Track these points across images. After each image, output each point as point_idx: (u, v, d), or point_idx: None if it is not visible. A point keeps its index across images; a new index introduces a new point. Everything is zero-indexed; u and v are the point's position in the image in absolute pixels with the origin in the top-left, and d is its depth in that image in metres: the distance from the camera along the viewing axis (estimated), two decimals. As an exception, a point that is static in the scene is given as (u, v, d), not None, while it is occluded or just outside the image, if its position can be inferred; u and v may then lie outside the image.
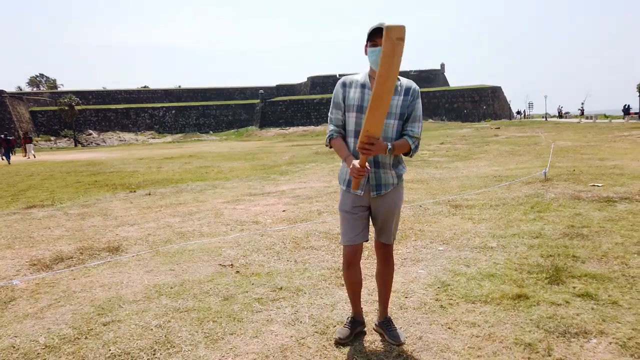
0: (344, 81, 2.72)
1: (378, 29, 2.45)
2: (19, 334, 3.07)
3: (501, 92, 72.97)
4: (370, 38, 2.53)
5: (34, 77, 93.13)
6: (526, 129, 31.70)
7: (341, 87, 2.70)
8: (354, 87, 2.66)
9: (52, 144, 54.36)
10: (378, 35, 2.45)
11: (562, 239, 4.57)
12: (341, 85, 2.71)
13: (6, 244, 5.45)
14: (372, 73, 2.62)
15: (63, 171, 16.34)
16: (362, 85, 2.64)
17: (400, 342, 2.76)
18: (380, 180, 2.68)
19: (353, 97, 2.64)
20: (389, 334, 2.82)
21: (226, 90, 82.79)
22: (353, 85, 2.67)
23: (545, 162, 10.69)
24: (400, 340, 2.76)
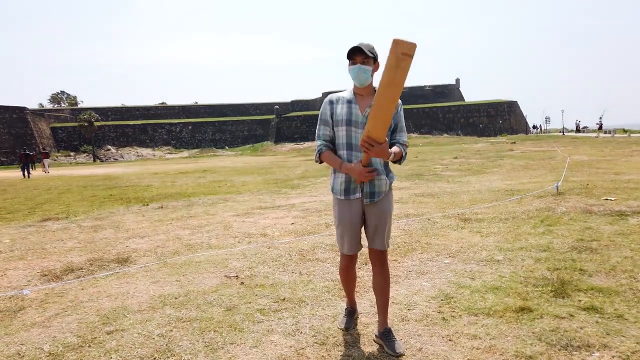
0: (331, 99, 2.91)
1: (355, 48, 2.72)
2: (25, 342, 3.13)
3: (517, 107, 72.53)
4: (349, 57, 2.76)
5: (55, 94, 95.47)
6: (542, 143, 31.40)
7: (328, 105, 2.90)
8: (340, 103, 2.86)
9: (71, 159, 55.46)
10: (356, 54, 2.73)
11: (570, 252, 4.51)
12: (328, 102, 2.91)
13: (19, 255, 5.57)
14: (356, 89, 2.86)
15: (80, 185, 16.64)
16: (348, 101, 2.85)
17: (399, 353, 2.75)
18: (374, 188, 2.84)
19: (341, 112, 2.83)
20: (388, 344, 2.82)
21: (242, 106, 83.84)
22: (340, 101, 2.87)
23: (559, 177, 10.57)
24: (399, 352, 2.76)
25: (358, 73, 2.74)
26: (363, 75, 2.76)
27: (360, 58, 2.73)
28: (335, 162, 2.83)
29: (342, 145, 2.84)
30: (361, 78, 2.77)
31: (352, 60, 2.76)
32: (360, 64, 2.73)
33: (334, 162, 2.84)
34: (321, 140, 2.90)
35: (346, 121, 2.80)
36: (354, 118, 2.79)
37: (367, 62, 2.75)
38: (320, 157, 2.92)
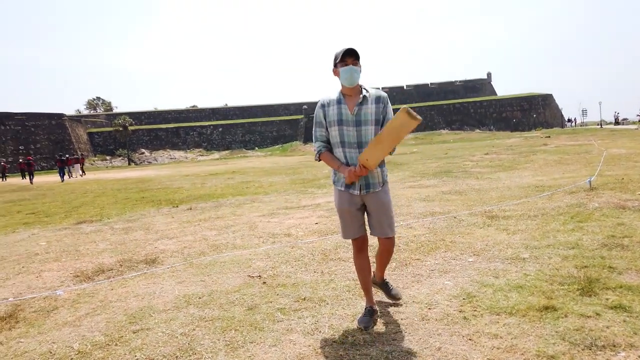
0: (322, 103, 3.16)
1: (348, 50, 2.98)
2: (57, 340, 3.26)
3: (552, 100, 70.57)
4: (342, 59, 3.00)
5: (91, 100, 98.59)
6: (578, 137, 30.43)
7: (320, 108, 3.15)
8: (331, 105, 3.11)
9: (107, 163, 57.19)
10: (347, 56, 2.99)
11: (600, 249, 4.37)
12: (320, 106, 3.16)
13: (54, 257, 5.80)
14: (344, 89, 3.10)
15: (114, 188, 17.15)
16: (337, 101, 3.10)
17: (398, 297, 3.49)
18: (369, 180, 3.13)
19: (332, 113, 3.09)
20: (387, 291, 3.54)
21: (271, 106, 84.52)
22: (330, 104, 3.12)
23: (594, 171, 10.24)
24: (398, 297, 3.49)
25: (351, 73, 3.00)
26: (355, 75, 3.02)
27: (351, 59, 3.00)
28: (334, 163, 3.13)
29: (337, 144, 3.12)
30: (353, 78, 3.02)
31: (343, 61, 3.01)
32: (351, 65, 3.00)
33: (333, 162, 3.14)
34: (319, 142, 3.18)
35: (337, 121, 3.07)
36: (344, 117, 3.06)
37: (356, 63, 3.02)
38: (320, 157, 3.21)
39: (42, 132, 53.84)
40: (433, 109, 67.34)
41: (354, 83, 3.05)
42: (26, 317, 3.77)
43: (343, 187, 3.17)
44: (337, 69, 3.05)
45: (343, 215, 3.21)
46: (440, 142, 45.40)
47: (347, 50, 2.98)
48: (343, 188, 3.17)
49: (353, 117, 3.05)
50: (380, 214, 3.16)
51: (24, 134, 52.35)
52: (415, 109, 3.33)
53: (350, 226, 3.21)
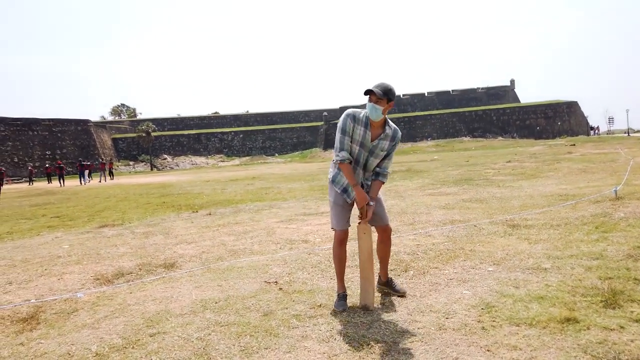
0: (354, 116, 3.40)
1: (369, 89, 3.33)
2: (76, 342, 3.31)
3: (578, 107, 69.25)
4: (367, 94, 3.36)
5: (116, 107, 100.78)
6: (604, 145, 29.78)
7: (352, 121, 3.38)
8: (359, 125, 3.38)
9: (130, 168, 58.23)
10: (371, 93, 3.33)
11: (625, 260, 4.24)
12: (352, 119, 3.39)
13: (76, 260, 5.90)
14: (370, 120, 3.40)
15: (136, 193, 17.43)
16: (364, 125, 3.39)
17: (403, 292, 3.74)
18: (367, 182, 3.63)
19: (358, 133, 3.39)
20: (393, 288, 3.80)
21: (291, 113, 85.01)
22: (358, 122, 3.39)
23: (620, 180, 9.99)
24: (403, 291, 3.75)
25: (371, 110, 3.34)
26: (375, 112, 3.34)
27: (374, 98, 3.32)
28: (352, 179, 3.42)
29: (354, 161, 3.48)
30: (373, 114, 3.35)
31: (369, 98, 3.35)
32: (374, 103, 3.32)
33: (351, 178, 3.42)
34: (345, 153, 3.40)
35: (360, 142, 3.40)
36: (366, 143, 3.40)
37: (379, 102, 3.32)
38: (340, 166, 3.44)
39: (68, 138, 55.16)
40: (454, 116, 66.76)
41: (375, 119, 3.37)
42: (47, 318, 3.84)
43: (340, 191, 3.57)
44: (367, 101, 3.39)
45: (337, 209, 3.60)
46: (461, 150, 44.94)
47: (369, 90, 3.33)
48: (340, 191, 3.57)
49: (370, 145, 3.42)
50: (378, 206, 3.61)
51: (51, 139, 53.70)
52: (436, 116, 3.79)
53: (342, 219, 3.60)
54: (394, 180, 15.52)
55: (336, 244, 3.68)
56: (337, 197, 3.60)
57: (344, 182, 3.53)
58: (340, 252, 3.69)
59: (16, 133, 50.93)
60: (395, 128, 3.53)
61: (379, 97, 3.31)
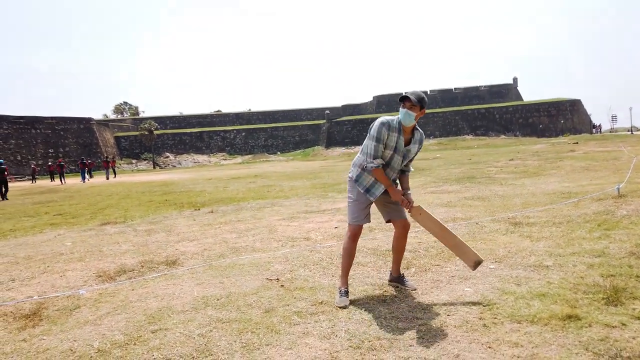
0: (388, 124, 3.57)
1: (405, 96, 3.55)
2: (78, 339, 3.32)
3: (581, 105, 68.95)
4: (401, 101, 3.56)
5: (118, 105, 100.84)
6: (608, 143, 29.69)
7: (386, 129, 3.56)
8: (392, 131, 3.57)
9: (133, 166, 58.30)
10: (406, 100, 3.54)
11: (628, 258, 4.23)
12: (386, 127, 3.56)
13: (78, 257, 5.92)
14: (402, 125, 3.60)
15: (139, 191, 17.46)
16: (398, 131, 3.58)
17: (414, 288, 3.85)
18: None
19: (393, 140, 3.58)
20: (404, 283, 3.91)
21: (293, 111, 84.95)
22: (391, 129, 3.57)
23: (623, 178, 9.95)
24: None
25: (405, 116, 3.54)
26: (408, 118, 3.54)
27: (409, 104, 3.53)
28: (387, 181, 3.65)
29: (386, 165, 3.67)
30: (407, 120, 3.55)
31: (402, 103, 3.55)
32: (407, 109, 3.53)
33: (386, 181, 3.64)
34: (380, 160, 3.59)
35: (393, 148, 3.60)
36: (399, 148, 3.61)
37: (413, 108, 3.53)
38: (374, 171, 3.61)
39: (71, 136, 55.24)
40: (457, 114, 66.62)
41: (408, 124, 3.58)
42: (49, 315, 3.85)
43: (363, 190, 3.71)
44: (400, 107, 3.60)
45: (356, 205, 3.74)
46: (464, 148, 44.87)
47: (405, 96, 3.55)
48: (363, 191, 3.71)
49: (404, 150, 3.65)
50: (398, 204, 3.79)
51: (54, 138, 53.79)
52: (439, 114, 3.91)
53: (360, 215, 3.74)
54: (396, 178, 15.51)
55: (350, 238, 3.77)
56: (359, 195, 3.74)
57: (367, 183, 3.70)
58: (352, 247, 3.78)
59: (19, 131, 51.03)
60: (421, 132, 3.78)
61: (413, 103, 3.52)
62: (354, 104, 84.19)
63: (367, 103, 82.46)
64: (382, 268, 4.55)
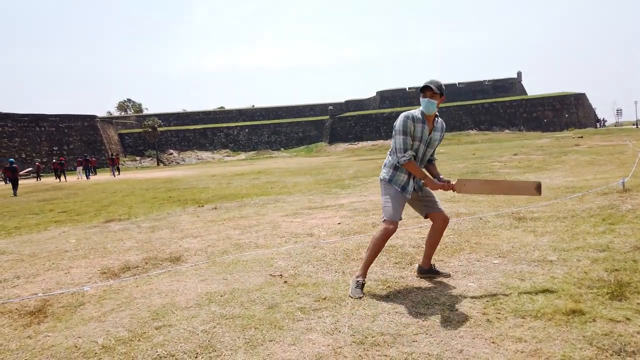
0: (412, 117, 3.67)
1: (426, 86, 3.65)
2: (82, 335, 3.33)
3: (585, 99, 68.53)
4: (422, 91, 3.68)
5: (122, 102, 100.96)
6: (612, 137, 29.54)
7: (411, 122, 3.66)
8: (416, 122, 3.67)
9: (137, 163, 58.43)
10: (426, 90, 3.65)
11: (633, 252, 4.21)
12: (411, 119, 3.67)
13: (83, 254, 5.94)
14: (424, 115, 3.72)
15: (143, 188, 17.50)
16: (422, 121, 3.69)
17: (449, 274, 4.02)
18: (419, 182, 3.86)
19: (418, 130, 3.68)
20: (439, 272, 4.04)
21: (296, 107, 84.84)
22: (416, 121, 3.68)
23: (628, 172, 9.90)
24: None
25: (427, 105, 3.66)
26: (431, 106, 3.66)
27: (430, 93, 3.64)
28: (420, 173, 3.74)
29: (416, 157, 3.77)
30: (429, 109, 3.67)
31: (423, 94, 3.67)
32: (429, 98, 3.64)
33: (419, 172, 3.73)
34: (411, 152, 3.67)
35: (420, 138, 3.70)
36: (424, 137, 3.71)
37: (434, 97, 3.65)
38: (406, 164, 3.67)
39: (75, 134, 55.39)
40: (461, 109, 66.39)
41: (431, 113, 3.69)
42: (54, 312, 3.87)
43: (399, 188, 3.77)
44: (420, 98, 3.71)
45: (394, 202, 3.76)
46: (468, 143, 44.72)
47: (426, 86, 3.65)
48: (399, 189, 3.77)
49: (429, 139, 3.74)
50: (432, 196, 3.92)
51: (58, 135, 53.96)
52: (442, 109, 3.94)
53: (397, 211, 3.76)
54: (399, 173, 15.49)
55: (383, 234, 3.75)
56: (396, 193, 3.78)
57: (401, 181, 3.77)
58: (382, 243, 3.81)
59: (23, 129, 51.21)
60: (441, 120, 3.88)
61: (434, 92, 3.63)
62: (357, 100, 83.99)
63: (371, 99, 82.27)
64: (385, 264, 4.55)
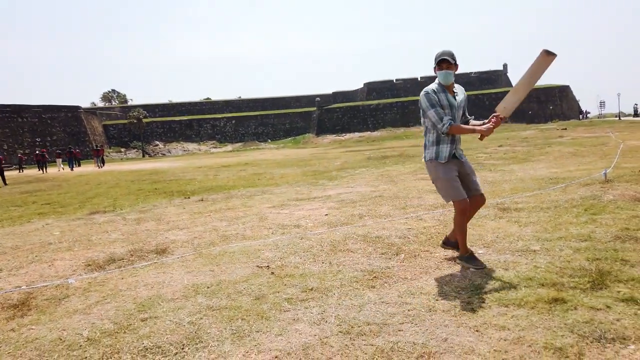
0: (432, 90, 3.86)
1: (443, 58, 3.81)
2: (67, 328, 3.31)
3: (570, 92, 69.27)
4: (438, 64, 3.84)
5: (106, 93, 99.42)
6: (596, 129, 29.92)
7: (433, 93, 3.85)
8: (439, 93, 3.85)
9: (122, 155, 57.76)
10: (443, 62, 3.82)
11: (613, 242, 4.30)
12: (432, 92, 3.85)
13: (67, 247, 5.88)
14: (442, 86, 3.89)
15: (128, 180, 17.33)
16: (442, 90, 3.88)
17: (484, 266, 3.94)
18: (460, 152, 4.05)
19: (443, 98, 3.84)
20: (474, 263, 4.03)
21: (283, 99, 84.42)
22: (437, 92, 3.85)
23: (610, 163, 10.06)
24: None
25: (445, 76, 3.84)
26: (449, 77, 3.85)
27: (446, 64, 3.82)
28: (468, 129, 3.89)
29: None
30: (448, 79, 3.86)
31: (439, 66, 3.83)
32: (446, 69, 3.83)
33: (466, 129, 3.89)
34: (446, 117, 3.80)
35: (447, 105, 3.84)
36: (451, 103, 3.87)
37: (450, 67, 3.83)
38: (450, 130, 3.80)
39: (58, 125, 54.51)
40: (447, 101, 66.66)
41: (449, 83, 3.88)
42: (38, 304, 3.83)
43: (445, 160, 3.89)
44: (436, 70, 3.86)
45: (452, 181, 3.89)
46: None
47: (442, 59, 3.81)
48: (445, 160, 3.89)
49: (456, 104, 3.90)
50: (473, 175, 4.05)
51: (41, 126, 53.06)
52: None
53: (459, 188, 3.89)
54: (386, 165, 15.55)
55: (460, 213, 3.93)
56: (446, 171, 3.90)
57: (445, 152, 3.91)
58: (464, 221, 3.98)
59: (5, 120, 50.23)
60: (459, 85, 4.06)
61: (450, 63, 3.82)
62: (345, 91, 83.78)
63: (358, 90, 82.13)
64: (371, 254, 4.57)
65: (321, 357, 2.65)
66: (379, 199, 7.83)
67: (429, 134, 4.00)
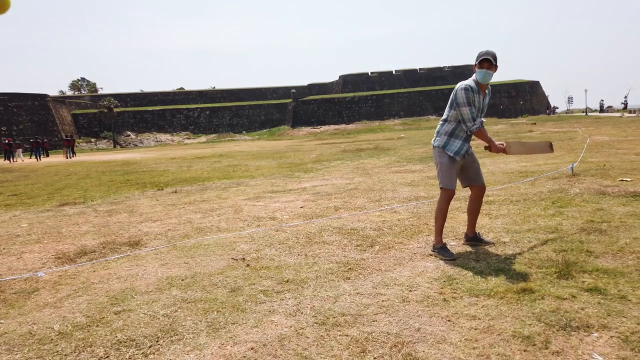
0: (471, 87, 3.98)
1: (485, 58, 3.94)
2: (37, 322, 3.24)
3: (539, 87, 70.89)
4: (480, 62, 3.96)
5: (75, 81, 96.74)
6: (563, 124, 30.75)
7: (472, 93, 3.97)
8: (475, 93, 3.99)
9: (92, 145, 56.43)
10: (485, 62, 3.95)
11: (579, 234, 4.45)
12: (471, 90, 3.97)
13: (36, 239, 5.74)
14: (478, 85, 4.03)
15: (99, 171, 16.96)
16: (477, 92, 4.02)
17: (493, 243, 4.33)
18: (470, 150, 4.23)
19: (477, 100, 4.02)
20: (483, 241, 4.36)
21: (259, 90, 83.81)
22: (474, 92, 3.98)
23: (577, 158, 10.37)
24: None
25: (485, 76, 3.97)
26: (488, 77, 3.98)
27: (487, 64, 3.95)
28: (487, 138, 4.09)
29: None
30: (486, 79, 3.99)
31: (480, 65, 3.95)
32: (487, 69, 3.95)
33: (487, 138, 4.09)
34: (479, 119, 4.03)
35: (478, 108, 4.04)
36: (481, 106, 4.08)
37: (491, 68, 3.96)
38: (477, 132, 4.02)
39: (25, 113, 52.82)
40: (421, 94, 67.39)
41: (487, 82, 4.03)
42: (6, 298, 3.74)
43: (452, 154, 4.09)
44: (476, 68, 3.99)
45: (450, 171, 4.11)
46: (427, 128, 45.46)
47: (485, 58, 3.93)
48: (452, 154, 4.09)
49: (484, 106, 4.12)
50: (477, 167, 4.28)
51: (6, 115, 51.32)
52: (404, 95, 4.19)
53: (454, 179, 4.15)
54: (361, 157, 15.64)
55: (445, 200, 4.19)
56: (450, 160, 4.11)
57: (455, 147, 4.08)
58: (446, 209, 4.23)
59: (-32, 108, 48.40)
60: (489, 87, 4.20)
61: (492, 64, 3.94)
62: (320, 83, 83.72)
63: (334, 82, 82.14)
64: (347, 247, 4.62)
65: (297, 348, 2.68)
66: (354, 192, 7.89)
67: (447, 124, 4.16)
